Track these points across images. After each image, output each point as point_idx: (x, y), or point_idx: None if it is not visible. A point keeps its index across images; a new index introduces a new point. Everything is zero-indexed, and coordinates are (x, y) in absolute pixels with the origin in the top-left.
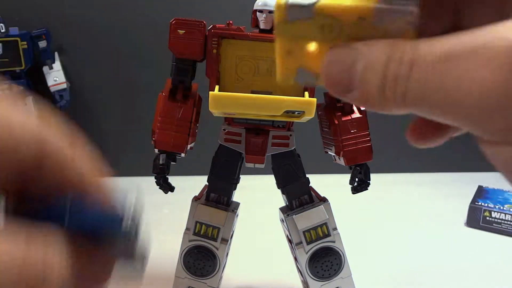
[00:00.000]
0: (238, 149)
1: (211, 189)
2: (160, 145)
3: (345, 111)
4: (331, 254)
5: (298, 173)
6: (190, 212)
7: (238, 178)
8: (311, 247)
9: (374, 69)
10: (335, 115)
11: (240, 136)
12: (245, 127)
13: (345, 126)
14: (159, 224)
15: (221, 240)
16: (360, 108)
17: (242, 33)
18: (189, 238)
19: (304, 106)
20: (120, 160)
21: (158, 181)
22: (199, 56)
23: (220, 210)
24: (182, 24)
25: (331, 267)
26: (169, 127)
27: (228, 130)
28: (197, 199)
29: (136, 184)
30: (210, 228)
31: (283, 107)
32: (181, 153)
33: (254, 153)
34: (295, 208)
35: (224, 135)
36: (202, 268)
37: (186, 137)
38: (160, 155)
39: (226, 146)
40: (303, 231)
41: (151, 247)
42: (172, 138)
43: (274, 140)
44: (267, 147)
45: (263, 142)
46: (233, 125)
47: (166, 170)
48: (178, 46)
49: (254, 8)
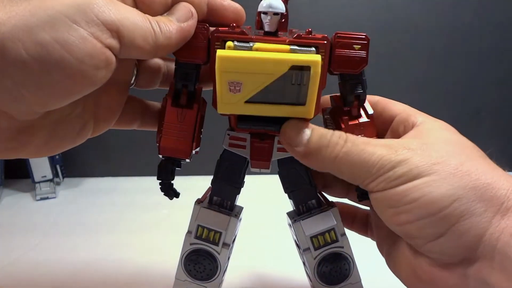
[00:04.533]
0: (243, 154)
1: (214, 192)
2: (164, 151)
3: (352, 115)
4: (340, 260)
5: (305, 178)
6: (193, 215)
7: (243, 182)
8: (319, 253)
9: (322, 136)
10: (342, 119)
11: (245, 141)
12: (249, 132)
13: (352, 130)
14: (159, 224)
15: (222, 244)
16: (368, 112)
17: (246, 36)
18: (191, 241)
19: (309, 62)
20: (120, 160)
21: (163, 187)
22: (203, 60)
23: (223, 214)
24: None
25: (340, 272)
26: (173, 132)
27: (233, 135)
28: (200, 202)
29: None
30: (212, 232)
31: (288, 62)
32: (186, 159)
33: (259, 158)
34: (302, 213)
35: (228, 140)
36: (203, 271)
37: (190, 143)
38: (165, 161)
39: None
40: (310, 236)
41: (151, 248)
42: (176, 144)
43: (280, 145)
44: (273, 153)
45: (268, 148)
46: (238, 130)
47: (171, 176)
48: (180, 50)
49: (258, 10)
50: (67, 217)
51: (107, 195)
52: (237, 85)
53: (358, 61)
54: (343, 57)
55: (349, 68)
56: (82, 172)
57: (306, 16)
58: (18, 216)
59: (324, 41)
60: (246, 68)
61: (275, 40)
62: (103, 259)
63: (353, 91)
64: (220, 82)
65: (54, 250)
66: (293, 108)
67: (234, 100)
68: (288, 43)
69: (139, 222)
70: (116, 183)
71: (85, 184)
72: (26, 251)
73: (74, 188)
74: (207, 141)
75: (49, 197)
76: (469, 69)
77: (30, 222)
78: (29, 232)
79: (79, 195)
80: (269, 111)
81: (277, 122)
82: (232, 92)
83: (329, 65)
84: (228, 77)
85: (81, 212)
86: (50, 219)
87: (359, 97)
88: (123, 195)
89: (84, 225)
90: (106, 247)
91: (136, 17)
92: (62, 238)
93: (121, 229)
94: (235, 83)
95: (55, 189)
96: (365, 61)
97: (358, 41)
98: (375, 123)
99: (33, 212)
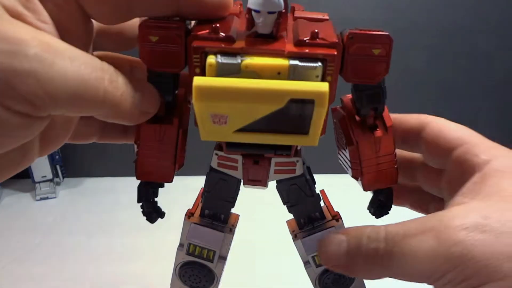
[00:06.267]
0: (234, 175)
1: (206, 206)
2: (142, 176)
3: (367, 124)
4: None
5: (306, 193)
6: (183, 231)
7: (236, 196)
8: (320, 269)
9: (358, 247)
10: (354, 132)
11: (236, 162)
12: (241, 154)
13: (366, 146)
14: (158, 224)
15: (218, 258)
16: (386, 124)
17: (232, 47)
18: (183, 256)
19: (313, 94)
20: (120, 160)
21: (144, 212)
22: (181, 67)
23: (216, 231)
24: (153, 28)
25: (343, 282)
26: (151, 153)
27: (221, 155)
28: (190, 215)
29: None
30: (205, 250)
31: (286, 95)
32: (167, 182)
33: (254, 182)
34: (304, 225)
35: (217, 160)
36: (199, 282)
37: (172, 165)
38: (144, 184)
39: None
40: (311, 256)
41: (151, 248)
42: (156, 168)
43: (277, 167)
44: (269, 175)
45: (264, 171)
46: (227, 152)
47: (152, 199)
48: (151, 58)
49: (248, 6)
50: (67, 217)
51: (107, 195)
52: (222, 117)
53: (377, 70)
54: (358, 65)
55: (366, 78)
56: (82, 172)
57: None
58: (18, 216)
59: (334, 51)
60: (231, 100)
61: (271, 50)
62: (102, 259)
63: (369, 103)
64: (200, 114)
65: (54, 250)
66: (293, 137)
67: (220, 131)
68: (287, 56)
69: (139, 222)
70: (116, 183)
71: (85, 184)
72: (26, 251)
73: (74, 188)
74: (205, 141)
75: (49, 197)
76: (469, 69)
77: (30, 222)
78: (29, 232)
79: (79, 195)
80: (264, 139)
81: (275, 145)
82: (216, 124)
83: (341, 71)
84: (209, 109)
85: (81, 212)
86: (50, 219)
87: (376, 108)
88: (123, 195)
89: (84, 225)
90: (106, 247)
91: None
92: (62, 238)
93: (121, 229)
94: (219, 115)
95: (55, 189)
96: (386, 69)
97: (378, 44)
98: (393, 137)
99: (33, 212)
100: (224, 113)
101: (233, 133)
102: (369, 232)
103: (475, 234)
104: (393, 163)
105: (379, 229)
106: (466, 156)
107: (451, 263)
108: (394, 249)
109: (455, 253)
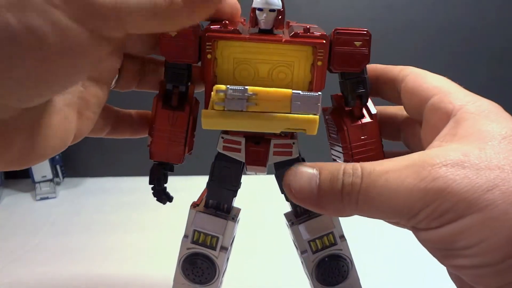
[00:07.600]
0: (238, 158)
1: (210, 195)
2: (155, 156)
3: (355, 115)
4: (338, 260)
5: None
6: (188, 220)
7: (239, 184)
8: (317, 256)
9: (332, 180)
10: (344, 120)
11: (239, 144)
12: (244, 136)
13: (355, 131)
14: (158, 224)
15: (220, 248)
16: (371, 112)
17: (239, 36)
18: (187, 246)
19: (305, 124)
20: (120, 160)
21: (155, 193)
22: (194, 60)
23: (220, 218)
24: None
25: (338, 273)
26: (164, 135)
27: (227, 139)
28: (195, 206)
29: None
30: (209, 237)
31: (282, 125)
32: (178, 163)
33: (255, 163)
34: (300, 214)
35: (222, 143)
36: (201, 275)
37: (183, 147)
38: (157, 165)
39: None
40: (308, 241)
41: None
42: (168, 149)
43: (275, 149)
44: (269, 156)
45: (264, 152)
46: (232, 133)
47: (163, 181)
48: (170, 50)
49: (253, 5)
50: (67, 217)
51: (107, 195)
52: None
53: (359, 59)
54: (343, 55)
55: (350, 66)
56: (82, 172)
57: (306, 16)
58: (18, 216)
59: (323, 40)
60: (234, 128)
61: (271, 39)
62: (103, 259)
63: (354, 90)
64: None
65: (54, 250)
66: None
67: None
68: (284, 42)
69: (139, 222)
70: (116, 183)
71: (85, 184)
72: (26, 251)
73: (74, 188)
74: (206, 140)
75: (49, 197)
76: (469, 69)
77: (30, 222)
78: (29, 232)
79: (79, 195)
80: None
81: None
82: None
83: (329, 63)
84: (216, 128)
85: (81, 212)
86: (50, 219)
87: (361, 96)
88: (123, 195)
89: (84, 225)
90: (106, 247)
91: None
92: (62, 238)
93: (121, 229)
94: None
95: (55, 189)
96: (366, 58)
97: (359, 37)
98: (378, 124)
99: (33, 212)
100: (229, 129)
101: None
102: (345, 167)
103: (455, 169)
104: (380, 147)
105: (355, 165)
106: (440, 104)
107: (429, 198)
108: (372, 185)
109: (434, 188)
